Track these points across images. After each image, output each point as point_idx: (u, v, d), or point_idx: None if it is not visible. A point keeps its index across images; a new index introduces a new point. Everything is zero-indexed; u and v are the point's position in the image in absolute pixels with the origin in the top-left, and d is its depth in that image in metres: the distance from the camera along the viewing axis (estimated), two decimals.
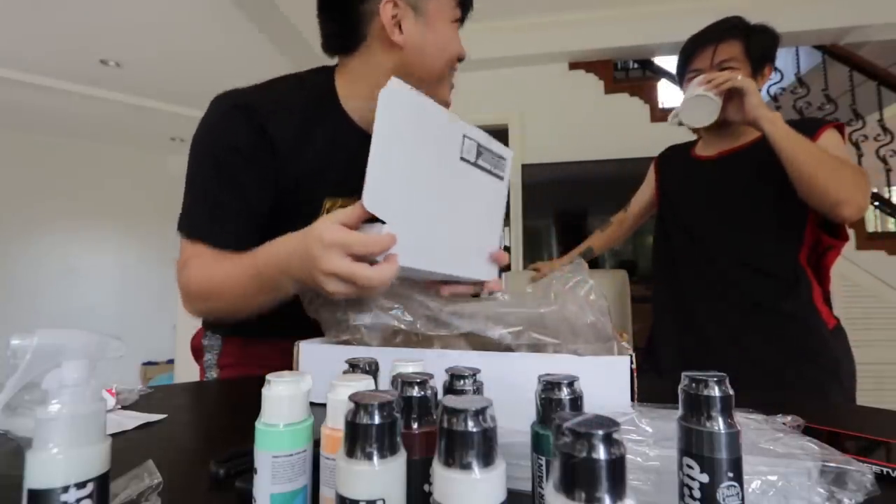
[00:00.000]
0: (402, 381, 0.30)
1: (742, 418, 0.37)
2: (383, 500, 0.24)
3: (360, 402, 0.25)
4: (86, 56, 3.11)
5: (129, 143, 4.69)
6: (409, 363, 0.38)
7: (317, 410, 0.32)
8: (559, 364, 0.50)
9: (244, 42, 2.95)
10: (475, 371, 0.35)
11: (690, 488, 0.29)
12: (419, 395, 0.30)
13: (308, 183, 0.74)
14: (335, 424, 0.31)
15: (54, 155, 4.44)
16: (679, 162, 1.22)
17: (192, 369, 0.89)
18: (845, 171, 0.89)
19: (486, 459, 0.22)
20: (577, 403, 0.30)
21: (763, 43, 1.05)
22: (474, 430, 0.22)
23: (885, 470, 0.40)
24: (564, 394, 0.30)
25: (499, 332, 0.56)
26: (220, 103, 0.72)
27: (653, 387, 0.71)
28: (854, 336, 1.03)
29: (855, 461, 0.34)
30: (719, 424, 0.28)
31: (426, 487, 0.28)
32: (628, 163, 2.58)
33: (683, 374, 0.30)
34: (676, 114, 1.04)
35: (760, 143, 1.00)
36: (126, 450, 0.48)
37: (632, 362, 0.49)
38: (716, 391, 0.29)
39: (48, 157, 4.41)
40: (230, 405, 0.72)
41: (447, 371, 0.35)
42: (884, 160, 2.79)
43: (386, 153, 0.51)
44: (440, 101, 0.77)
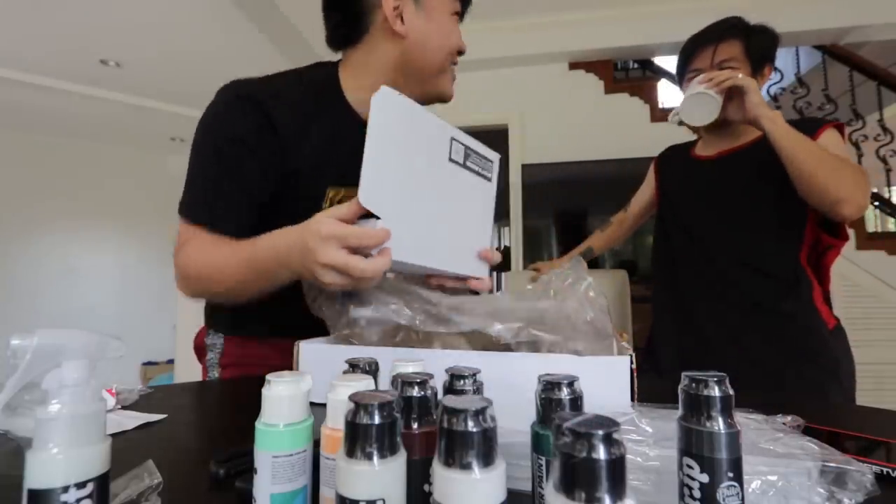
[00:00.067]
0: (402, 381, 0.30)
1: (742, 418, 0.37)
2: (383, 500, 0.24)
3: (360, 402, 0.25)
4: (86, 56, 3.11)
5: (129, 143, 4.69)
6: (409, 363, 0.38)
7: (317, 410, 0.32)
8: (559, 364, 0.50)
9: (244, 42, 2.96)
10: (475, 371, 0.35)
11: (690, 488, 0.29)
12: (419, 395, 0.30)
13: (311, 171, 0.75)
14: (335, 424, 0.31)
15: (54, 155, 4.44)
16: (679, 162, 1.22)
17: (192, 369, 0.89)
18: (845, 170, 0.89)
19: (486, 459, 0.22)
20: (577, 403, 0.30)
21: (763, 43, 1.05)
22: (474, 430, 0.22)
23: (885, 470, 0.40)
24: (564, 394, 0.30)
25: (497, 328, 0.56)
26: (226, 93, 0.73)
27: (653, 387, 0.71)
28: (854, 336, 1.03)
29: (855, 461, 0.34)
30: (719, 424, 0.28)
31: (426, 487, 0.28)
32: (628, 163, 2.58)
33: (683, 374, 0.30)
34: (677, 112, 1.04)
35: (760, 143, 1.00)
36: (126, 450, 0.48)
37: (632, 362, 0.49)
38: (716, 391, 0.29)
39: (48, 157, 4.41)
40: (230, 405, 0.72)
41: (447, 371, 0.35)
42: (884, 160, 2.79)
43: (379, 153, 0.54)
44: (442, 93, 0.79)
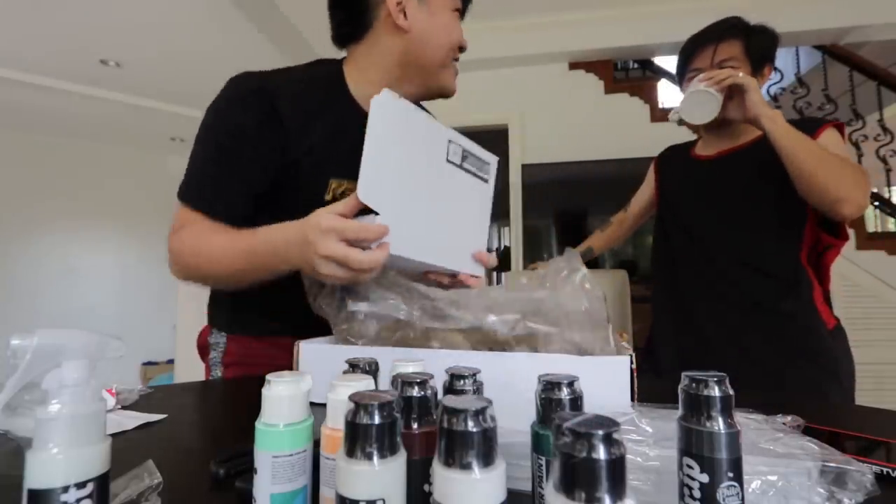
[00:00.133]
0: (402, 381, 0.30)
1: (742, 418, 0.37)
2: (383, 500, 0.24)
3: (360, 402, 0.25)
4: (86, 56, 3.11)
5: (129, 143, 4.69)
6: (409, 363, 0.38)
7: (317, 410, 0.32)
8: (559, 364, 0.50)
9: (244, 42, 2.96)
10: (475, 371, 0.35)
11: (690, 488, 0.29)
12: (419, 395, 0.30)
13: (314, 162, 0.76)
14: (335, 424, 0.31)
15: (54, 155, 4.44)
16: (679, 162, 1.22)
17: (192, 369, 0.89)
18: (845, 169, 0.89)
19: (486, 459, 0.22)
20: (577, 403, 0.30)
21: (763, 43, 1.05)
22: (474, 430, 0.22)
23: (885, 470, 0.40)
24: (564, 394, 0.30)
25: (493, 319, 0.56)
26: (235, 84, 0.75)
27: (653, 387, 0.71)
28: (854, 336, 1.03)
29: (855, 461, 0.34)
30: (719, 424, 0.28)
31: (426, 487, 0.28)
32: (628, 163, 2.58)
33: (683, 374, 0.30)
34: (677, 111, 1.04)
35: (760, 143, 1.00)
36: (126, 450, 0.48)
37: (632, 362, 0.49)
38: (716, 391, 0.29)
39: (48, 157, 4.41)
40: (230, 405, 0.72)
41: (447, 371, 0.35)
42: (884, 160, 2.79)
43: (378, 152, 0.55)
44: (445, 87, 0.81)
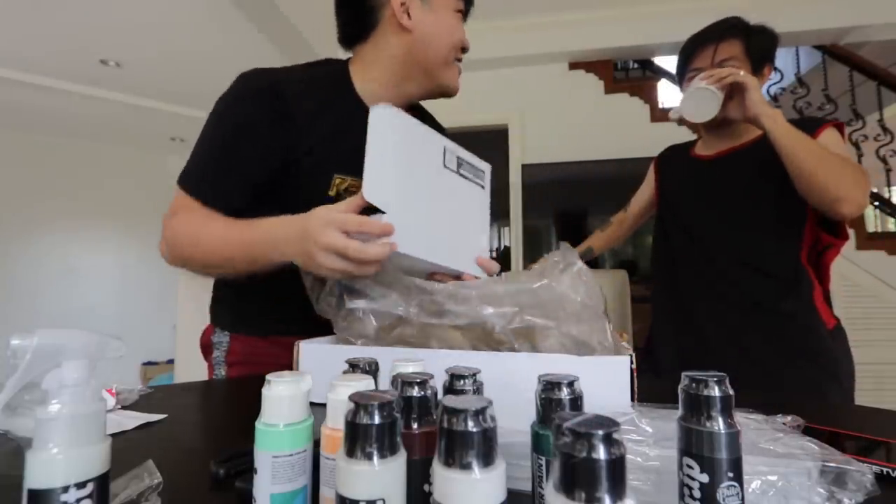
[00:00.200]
0: (402, 381, 0.30)
1: (742, 418, 0.37)
2: (383, 500, 0.24)
3: (360, 402, 0.25)
4: (86, 56, 3.11)
5: (129, 143, 4.69)
6: (409, 363, 0.38)
7: (317, 410, 0.32)
8: (559, 364, 0.50)
9: (244, 42, 2.95)
10: (475, 371, 0.35)
11: (690, 488, 0.29)
12: (419, 395, 0.30)
13: (318, 158, 0.77)
14: (335, 424, 0.31)
15: (54, 155, 4.44)
16: (679, 162, 1.22)
17: (192, 369, 0.89)
18: (845, 169, 0.89)
19: (486, 459, 0.22)
20: (577, 403, 0.30)
21: (763, 43, 1.05)
22: (474, 430, 0.22)
23: (885, 470, 0.40)
24: (564, 394, 0.30)
25: (490, 312, 0.56)
26: (245, 79, 0.76)
27: (652, 387, 0.71)
28: (854, 336, 1.03)
29: (855, 461, 0.34)
30: (719, 424, 0.28)
31: (426, 487, 0.28)
32: (628, 163, 2.58)
33: (683, 374, 0.30)
34: (678, 109, 1.04)
35: (760, 143, 1.00)
36: (126, 450, 0.48)
37: (632, 362, 0.49)
38: (716, 391, 0.29)
39: (48, 157, 4.41)
40: (231, 405, 0.72)
41: (447, 371, 0.35)
42: (884, 160, 2.79)
43: (380, 156, 0.57)
44: (448, 86, 0.83)
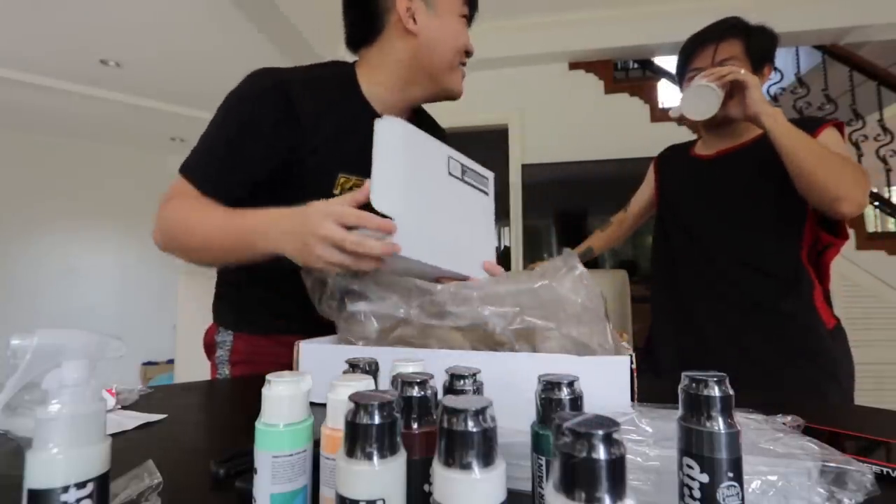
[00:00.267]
0: (402, 381, 0.30)
1: (742, 418, 0.37)
2: (383, 500, 0.24)
3: (360, 402, 0.25)
4: (86, 56, 3.10)
5: (129, 143, 4.69)
6: (409, 363, 0.38)
7: (317, 410, 0.32)
8: (559, 364, 0.50)
9: (244, 42, 2.95)
10: (475, 371, 0.35)
11: (690, 488, 0.29)
12: (419, 395, 0.30)
13: (324, 156, 0.78)
14: (335, 424, 0.31)
15: (54, 155, 4.44)
16: (678, 161, 1.22)
17: (192, 369, 0.89)
18: (845, 168, 0.89)
19: (486, 459, 0.22)
20: (577, 403, 0.30)
21: (763, 43, 1.05)
22: (474, 430, 0.22)
23: (885, 470, 0.40)
24: (564, 394, 0.30)
25: (490, 312, 0.56)
26: (254, 79, 0.77)
27: (652, 387, 0.71)
28: (854, 336, 1.03)
29: (855, 461, 0.34)
30: (719, 424, 0.28)
31: (426, 487, 0.28)
32: (628, 163, 2.58)
33: (683, 374, 0.30)
34: (679, 107, 1.04)
35: (759, 142, 1.00)
36: (126, 450, 0.48)
37: (632, 362, 0.49)
38: (716, 391, 0.29)
39: (48, 157, 4.41)
40: (230, 405, 0.72)
41: (447, 371, 0.35)
42: (884, 160, 2.79)
43: (387, 164, 0.58)
44: (452, 89, 0.84)
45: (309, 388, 0.32)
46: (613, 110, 3.11)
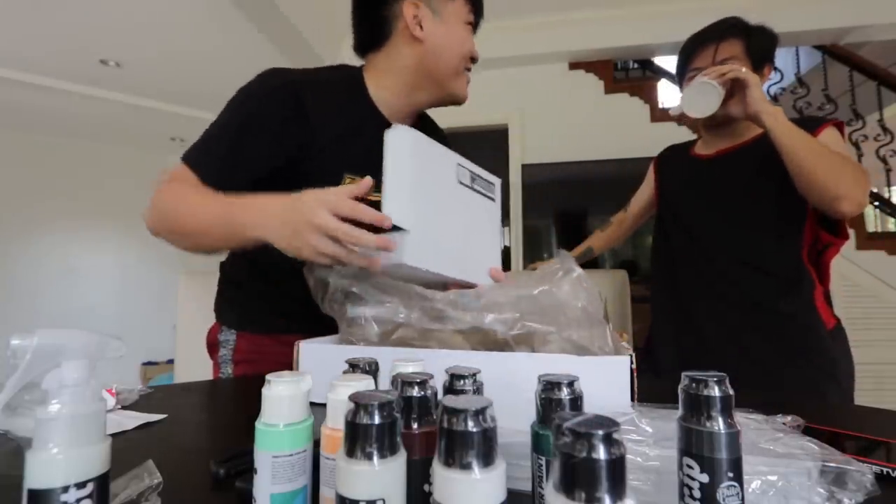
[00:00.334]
0: (402, 381, 0.30)
1: (742, 418, 0.37)
2: (383, 500, 0.24)
3: (360, 402, 0.25)
4: (86, 56, 3.10)
5: (129, 143, 4.68)
6: (409, 363, 0.38)
7: (317, 410, 0.32)
8: (559, 364, 0.50)
9: (244, 42, 2.95)
10: (475, 371, 0.35)
11: (690, 488, 0.29)
12: (419, 395, 0.30)
13: (330, 156, 0.79)
14: (335, 424, 0.31)
15: (54, 155, 4.43)
16: (678, 161, 1.22)
17: (192, 369, 0.89)
18: (845, 167, 0.89)
19: (486, 459, 0.22)
20: (577, 403, 0.30)
21: (763, 43, 1.05)
22: (474, 430, 0.22)
23: (885, 470, 0.40)
24: (564, 394, 0.30)
25: (491, 318, 0.56)
26: (266, 78, 0.78)
27: (652, 387, 0.71)
28: (854, 336, 1.03)
29: (855, 461, 0.34)
30: (719, 424, 0.28)
31: (426, 487, 0.28)
32: (628, 163, 2.58)
33: (683, 374, 0.30)
34: (679, 106, 1.04)
35: (759, 142, 1.00)
36: (126, 450, 0.48)
37: (632, 362, 0.49)
38: (716, 391, 0.29)
39: (48, 157, 4.41)
40: (230, 405, 0.72)
41: (447, 371, 0.35)
42: (884, 160, 2.79)
43: (398, 176, 0.59)
44: (457, 94, 0.86)
45: (309, 388, 0.32)
46: (613, 110, 3.11)
